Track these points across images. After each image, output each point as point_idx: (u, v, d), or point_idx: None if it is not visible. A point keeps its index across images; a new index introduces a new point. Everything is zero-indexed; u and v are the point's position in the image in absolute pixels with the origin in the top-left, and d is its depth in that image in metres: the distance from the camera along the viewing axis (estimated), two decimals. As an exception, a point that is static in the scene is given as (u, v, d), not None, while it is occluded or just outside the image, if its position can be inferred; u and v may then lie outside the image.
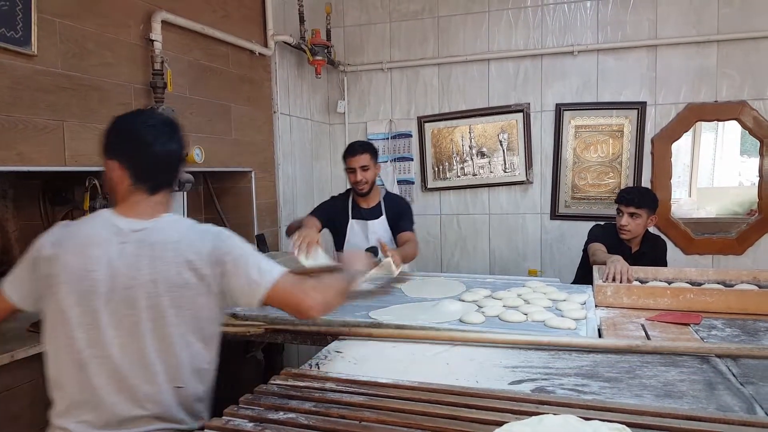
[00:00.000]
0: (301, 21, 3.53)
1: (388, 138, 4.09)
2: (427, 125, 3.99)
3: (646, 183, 3.60)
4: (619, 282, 2.15)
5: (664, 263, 2.78)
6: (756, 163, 3.51)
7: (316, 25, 3.71)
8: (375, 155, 2.80)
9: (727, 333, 1.76)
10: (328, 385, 1.31)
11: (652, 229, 3.03)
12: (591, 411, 1.12)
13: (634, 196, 2.70)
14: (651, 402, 1.25)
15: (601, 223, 2.92)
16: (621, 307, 2.06)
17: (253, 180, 3.16)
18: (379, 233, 2.77)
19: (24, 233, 2.26)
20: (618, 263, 2.23)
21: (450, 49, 3.91)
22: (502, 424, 1.03)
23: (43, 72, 1.94)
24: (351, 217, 2.83)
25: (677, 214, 3.86)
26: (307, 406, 1.20)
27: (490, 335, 1.67)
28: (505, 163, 3.88)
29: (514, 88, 3.81)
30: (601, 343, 1.61)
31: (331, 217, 2.82)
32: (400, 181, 4.09)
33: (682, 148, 4.94)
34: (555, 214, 3.81)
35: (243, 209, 3.17)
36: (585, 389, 1.32)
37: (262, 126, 3.29)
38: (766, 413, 1.18)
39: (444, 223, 4.05)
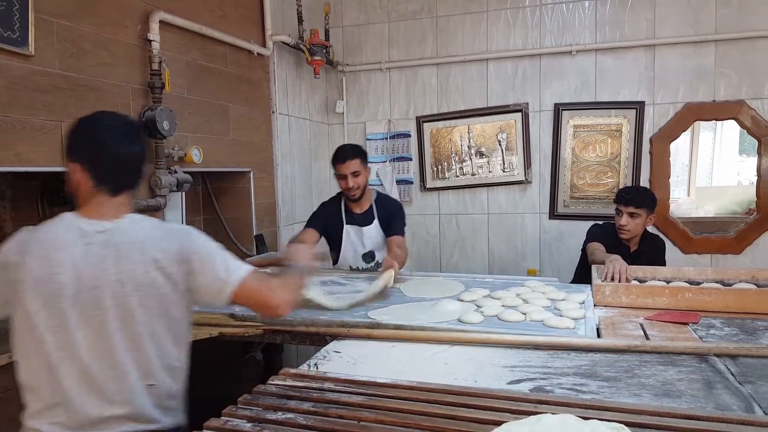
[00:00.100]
0: (300, 21, 3.53)
1: (386, 138, 4.09)
2: (425, 125, 3.99)
3: (644, 182, 3.60)
4: (618, 281, 2.15)
5: (662, 262, 2.78)
6: (754, 162, 3.51)
7: (315, 25, 3.71)
8: (365, 159, 2.76)
9: (725, 332, 1.76)
10: (327, 385, 1.31)
11: (651, 228, 3.03)
12: (589, 410, 1.12)
13: (633, 196, 2.70)
14: (649, 401, 1.25)
15: (600, 222, 2.93)
16: (619, 306, 2.06)
17: (251, 180, 3.15)
18: (374, 238, 2.78)
19: (22, 234, 2.25)
20: (617, 263, 2.23)
21: (448, 49, 3.91)
22: (500, 423, 1.03)
23: (40, 72, 1.93)
24: (345, 223, 2.82)
25: (676, 214, 3.86)
26: (306, 406, 1.19)
27: (489, 335, 1.67)
28: (503, 163, 3.87)
29: (513, 88, 3.81)
30: (599, 342, 1.61)
31: (327, 225, 2.83)
32: (398, 181, 4.09)
33: (680, 147, 4.95)
34: (554, 214, 3.81)
35: (241, 209, 3.17)
36: (583, 389, 1.32)
37: (261, 126, 3.29)
38: (764, 412, 1.18)
39: (443, 222, 4.05)
